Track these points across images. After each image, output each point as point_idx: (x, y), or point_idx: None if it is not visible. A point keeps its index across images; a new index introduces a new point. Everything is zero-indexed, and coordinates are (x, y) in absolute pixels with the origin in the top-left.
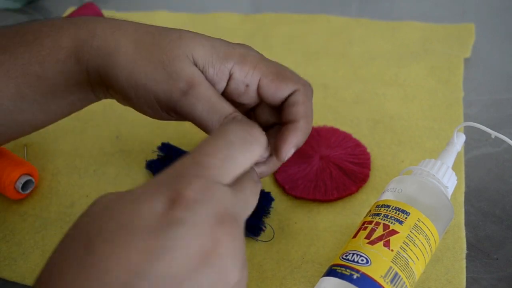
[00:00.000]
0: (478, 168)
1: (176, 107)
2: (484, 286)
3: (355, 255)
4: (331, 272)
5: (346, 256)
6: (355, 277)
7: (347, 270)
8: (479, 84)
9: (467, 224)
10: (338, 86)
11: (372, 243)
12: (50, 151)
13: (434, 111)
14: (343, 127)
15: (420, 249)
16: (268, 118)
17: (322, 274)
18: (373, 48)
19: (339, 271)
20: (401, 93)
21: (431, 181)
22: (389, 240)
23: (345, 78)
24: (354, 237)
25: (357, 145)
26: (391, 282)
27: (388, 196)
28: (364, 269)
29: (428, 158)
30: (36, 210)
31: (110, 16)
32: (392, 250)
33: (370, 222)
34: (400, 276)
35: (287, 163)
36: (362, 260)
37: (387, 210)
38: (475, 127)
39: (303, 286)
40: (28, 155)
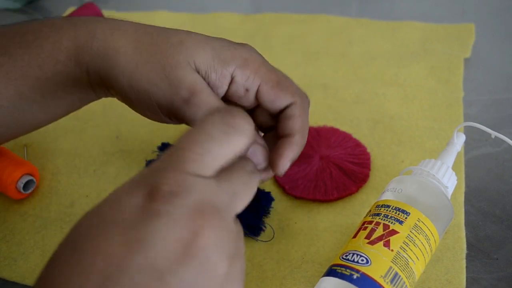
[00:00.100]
0: (478, 168)
1: (178, 114)
2: (484, 286)
3: (355, 255)
4: (331, 272)
5: (346, 256)
6: (355, 277)
7: (347, 270)
8: (479, 84)
9: (467, 224)
10: (338, 86)
11: (372, 243)
12: (50, 151)
13: (434, 111)
14: (343, 127)
15: (420, 249)
16: (266, 120)
17: (322, 274)
18: (373, 48)
19: (339, 271)
20: (401, 93)
21: (431, 181)
22: (389, 240)
23: (345, 78)
24: (354, 237)
25: (357, 145)
26: (391, 282)
27: (388, 196)
28: (364, 269)
29: (428, 158)
30: (36, 210)
31: (110, 16)
32: (392, 250)
33: (370, 222)
34: (400, 276)
35: None
36: (362, 260)
37: (387, 210)
38: (475, 127)
39: (303, 286)
40: (28, 155)
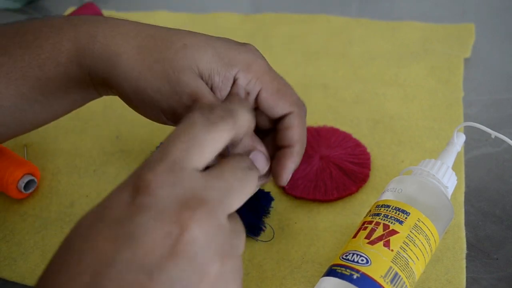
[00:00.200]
0: (478, 168)
1: (181, 119)
2: (484, 286)
3: (355, 255)
4: (331, 272)
5: (346, 256)
6: (355, 277)
7: (347, 270)
8: (479, 84)
9: (467, 224)
10: (338, 86)
11: (372, 243)
12: (50, 151)
13: (434, 111)
14: (343, 127)
15: (420, 249)
16: (265, 123)
17: (322, 274)
18: (373, 48)
19: (339, 271)
20: (401, 93)
21: (431, 181)
22: (389, 240)
23: (345, 78)
24: (354, 237)
25: (357, 145)
26: (391, 282)
27: (388, 196)
28: (364, 269)
29: (428, 158)
30: (36, 210)
31: (110, 16)
32: (392, 250)
33: (370, 222)
34: (400, 276)
35: None
36: (362, 260)
37: (387, 210)
38: (475, 127)
39: (303, 286)
40: (28, 155)
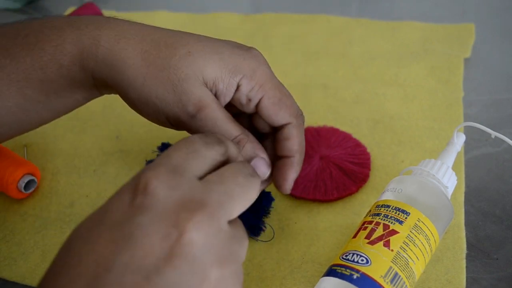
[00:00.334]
0: (478, 168)
1: (185, 126)
2: (484, 286)
3: (355, 255)
4: (331, 272)
5: (346, 256)
6: (355, 277)
7: (347, 270)
8: (479, 84)
9: (467, 224)
10: (338, 86)
11: (372, 243)
12: (50, 151)
13: (434, 111)
14: (343, 127)
15: (420, 249)
16: (264, 127)
17: (322, 274)
18: (373, 48)
19: (339, 271)
20: (401, 93)
21: (431, 181)
22: (389, 240)
23: (345, 78)
24: (354, 237)
25: (357, 145)
26: (391, 282)
27: (388, 196)
28: (364, 269)
29: (428, 158)
30: (36, 210)
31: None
32: (392, 250)
33: (370, 222)
34: (400, 276)
35: None
36: (362, 260)
37: (387, 210)
38: (475, 127)
39: (303, 286)
40: (28, 155)
